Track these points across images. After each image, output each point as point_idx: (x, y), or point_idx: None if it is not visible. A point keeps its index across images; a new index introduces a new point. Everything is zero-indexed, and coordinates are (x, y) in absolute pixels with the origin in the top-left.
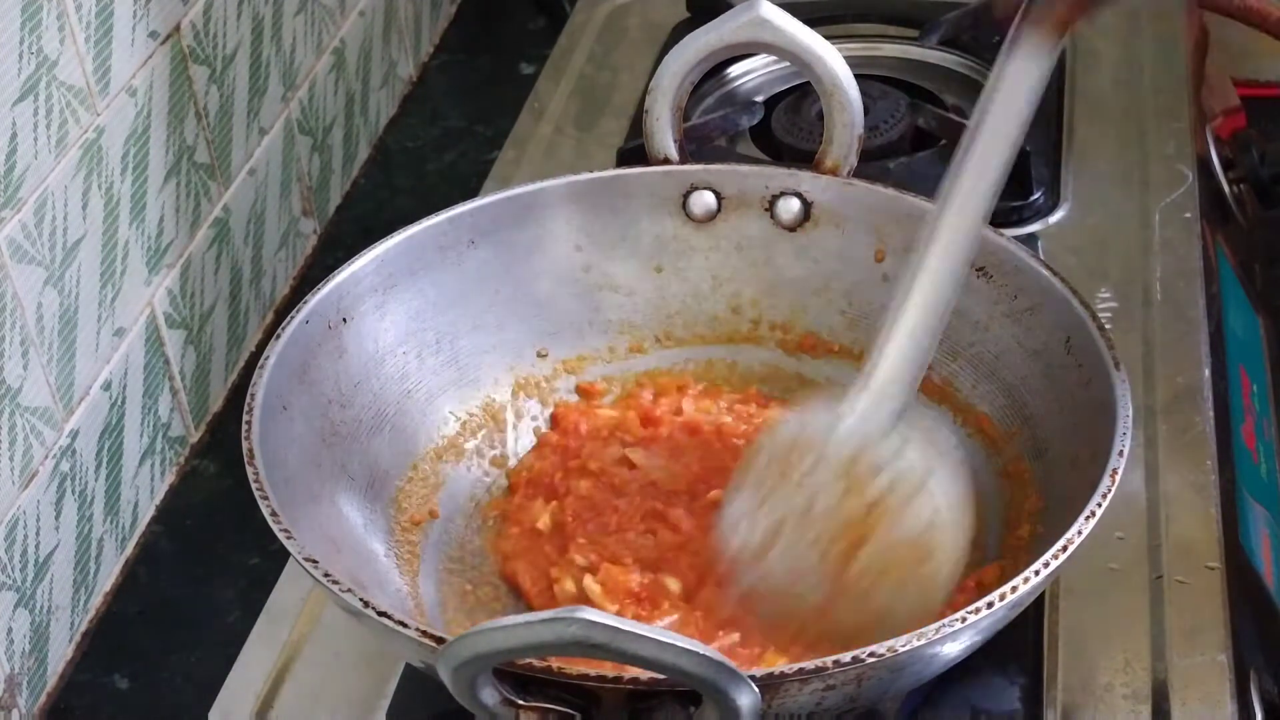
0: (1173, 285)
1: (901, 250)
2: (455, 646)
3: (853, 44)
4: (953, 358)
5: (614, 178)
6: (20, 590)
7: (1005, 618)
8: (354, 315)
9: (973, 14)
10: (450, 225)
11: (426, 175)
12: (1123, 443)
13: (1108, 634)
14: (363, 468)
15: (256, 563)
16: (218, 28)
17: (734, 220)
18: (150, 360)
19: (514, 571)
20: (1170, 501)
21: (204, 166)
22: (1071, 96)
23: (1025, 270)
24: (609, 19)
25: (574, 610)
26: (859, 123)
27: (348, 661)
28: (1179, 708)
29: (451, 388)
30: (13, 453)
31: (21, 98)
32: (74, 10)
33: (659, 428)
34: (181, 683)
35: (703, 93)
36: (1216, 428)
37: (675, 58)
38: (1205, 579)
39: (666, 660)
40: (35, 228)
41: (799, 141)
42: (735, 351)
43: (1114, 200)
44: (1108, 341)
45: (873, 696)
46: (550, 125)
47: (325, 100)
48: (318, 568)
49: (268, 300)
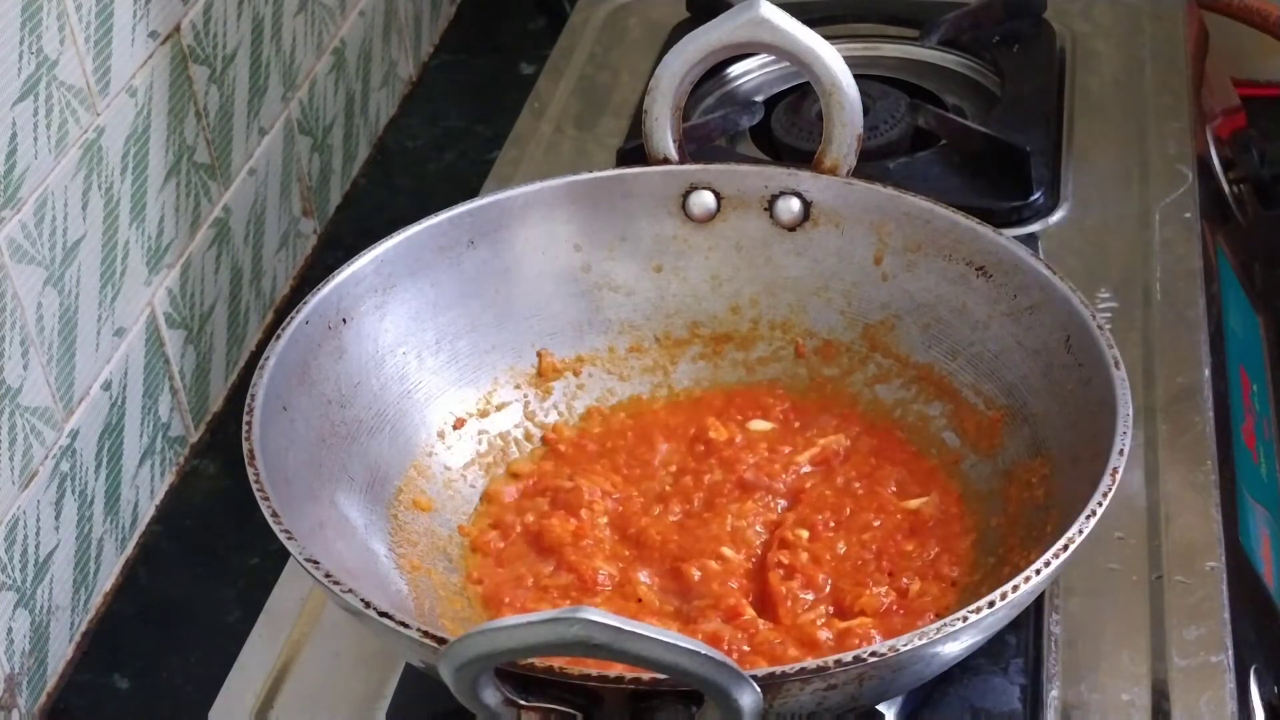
0: (1173, 285)
1: (901, 250)
2: (457, 647)
3: (853, 44)
4: (952, 357)
5: (614, 178)
6: (20, 590)
7: (1005, 618)
8: (354, 315)
9: (973, 14)
10: (450, 225)
11: (426, 175)
12: (1123, 442)
13: (1108, 634)
14: (363, 468)
15: (256, 563)
16: (218, 28)
17: (733, 220)
18: (150, 360)
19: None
20: (1170, 501)
21: (204, 166)
22: (1071, 96)
23: (1025, 270)
24: (609, 19)
25: (576, 610)
26: (858, 123)
27: (348, 661)
28: (1179, 708)
29: (451, 388)
30: (13, 453)
31: (21, 98)
32: (74, 10)
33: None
34: (181, 683)
35: (703, 93)
36: (1216, 428)
37: (675, 58)
38: (1205, 579)
39: (668, 660)
40: (35, 228)
41: (799, 141)
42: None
43: (1114, 200)
44: (1108, 341)
45: (874, 696)
46: (550, 125)
47: (325, 100)
48: (318, 568)
49: (268, 300)
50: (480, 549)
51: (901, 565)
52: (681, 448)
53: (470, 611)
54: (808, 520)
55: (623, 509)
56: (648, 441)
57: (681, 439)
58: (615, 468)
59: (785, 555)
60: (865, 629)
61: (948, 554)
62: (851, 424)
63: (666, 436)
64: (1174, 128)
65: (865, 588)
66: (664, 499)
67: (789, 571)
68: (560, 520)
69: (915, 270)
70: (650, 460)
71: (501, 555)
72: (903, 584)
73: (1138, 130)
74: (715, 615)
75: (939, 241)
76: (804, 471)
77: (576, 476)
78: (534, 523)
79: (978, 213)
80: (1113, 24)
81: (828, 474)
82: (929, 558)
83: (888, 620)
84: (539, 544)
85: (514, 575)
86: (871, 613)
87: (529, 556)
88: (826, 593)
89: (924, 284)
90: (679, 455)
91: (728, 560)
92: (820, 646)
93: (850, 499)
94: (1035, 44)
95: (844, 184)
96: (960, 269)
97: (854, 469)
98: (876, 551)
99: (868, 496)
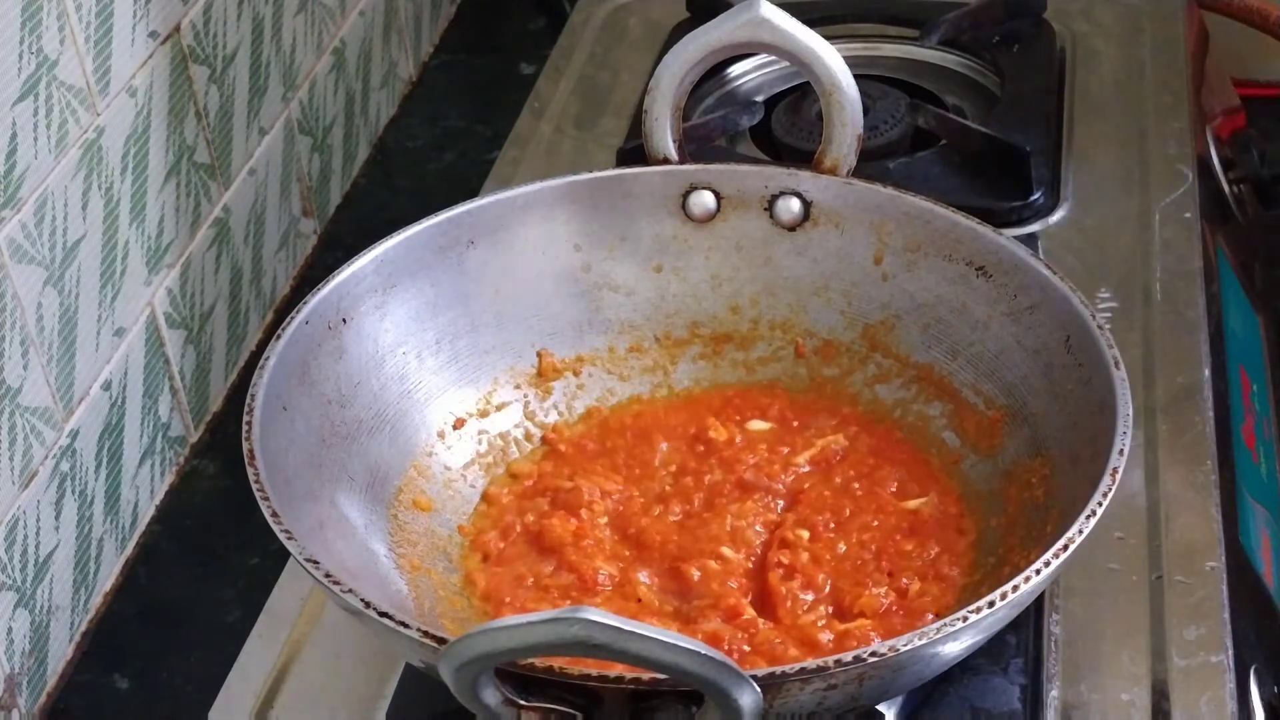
0: (1173, 285)
1: (901, 250)
2: (457, 647)
3: (853, 44)
4: (952, 357)
5: (614, 178)
6: (20, 590)
7: (1005, 618)
8: (354, 315)
9: (973, 14)
10: (450, 225)
11: (426, 175)
12: (1123, 441)
13: (1108, 634)
14: (363, 468)
15: (256, 563)
16: (218, 28)
17: (733, 220)
18: (150, 360)
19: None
20: (1170, 501)
21: (204, 166)
22: (1071, 96)
23: (1025, 269)
24: (609, 19)
25: (576, 610)
26: (858, 123)
27: (348, 661)
28: (1179, 708)
29: (451, 388)
30: (13, 453)
31: (21, 98)
32: (74, 10)
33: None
34: (181, 683)
35: (703, 93)
36: (1216, 428)
37: (675, 58)
38: (1205, 579)
39: (668, 660)
40: (35, 228)
41: (799, 141)
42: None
43: (1114, 200)
44: (1108, 341)
45: (874, 696)
46: (550, 125)
47: (325, 100)
48: (318, 568)
49: (268, 300)
50: (480, 549)
51: (901, 565)
52: (681, 448)
53: (470, 611)
54: (807, 520)
55: (622, 509)
56: (648, 442)
57: (681, 439)
58: (615, 468)
59: (785, 555)
60: (864, 630)
61: (947, 554)
62: (851, 424)
63: (666, 437)
64: (1174, 128)
65: (865, 588)
66: (664, 499)
67: (789, 571)
68: (560, 520)
69: (915, 270)
70: (650, 460)
71: (501, 555)
72: (902, 584)
73: (1138, 130)
74: (715, 615)
75: (939, 241)
76: (803, 471)
77: (576, 476)
78: (534, 523)
79: (978, 213)
80: (1113, 24)
81: (827, 474)
82: (929, 558)
83: (887, 620)
84: (539, 544)
85: (514, 575)
86: (871, 613)
87: (529, 556)
88: (826, 593)
89: (924, 284)
90: (679, 455)
91: (727, 560)
92: (820, 647)
93: (850, 499)
94: (1035, 44)
95: (844, 184)
96: (960, 269)
97: (853, 469)
98: (876, 551)
99: (867, 497)
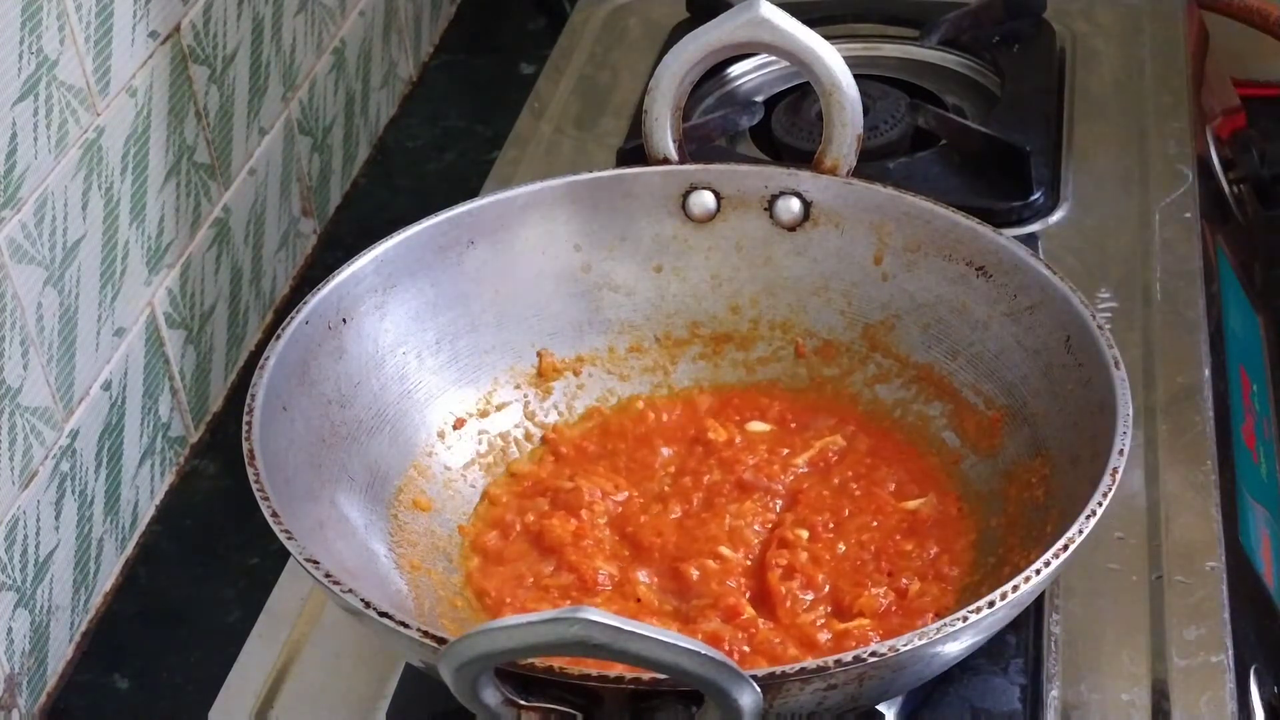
0: (1173, 285)
1: (901, 250)
2: (457, 647)
3: (853, 44)
4: (952, 357)
5: (614, 178)
6: (20, 590)
7: (1005, 618)
8: (354, 315)
9: (973, 14)
10: (450, 225)
11: (426, 175)
12: (1123, 441)
13: (1108, 634)
14: (363, 468)
15: (256, 563)
16: (218, 28)
17: (733, 220)
18: (150, 360)
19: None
20: (1170, 501)
21: (204, 166)
22: (1071, 96)
23: (1025, 269)
24: (609, 19)
25: (576, 610)
26: (858, 123)
27: (348, 661)
28: (1179, 708)
29: (451, 388)
30: (13, 453)
31: (21, 98)
32: (74, 10)
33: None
34: (181, 683)
35: (703, 93)
36: (1216, 428)
37: (675, 58)
38: (1205, 579)
39: (668, 660)
40: (35, 228)
41: (799, 141)
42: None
43: (1114, 200)
44: (1108, 341)
45: (874, 696)
46: (550, 125)
47: (325, 100)
48: (318, 568)
49: (268, 300)
50: (480, 549)
51: (901, 565)
52: (681, 448)
53: (470, 611)
54: (807, 520)
55: (622, 509)
56: (647, 442)
57: (681, 440)
58: (615, 468)
59: (785, 555)
60: (864, 630)
61: (947, 554)
62: (850, 424)
63: (666, 437)
64: (1174, 128)
65: (864, 588)
66: (663, 499)
67: (788, 571)
68: (560, 520)
69: (915, 270)
70: (650, 461)
71: (501, 555)
72: (902, 584)
73: (1138, 130)
74: (715, 615)
75: (939, 241)
76: (802, 472)
77: (576, 477)
78: (534, 523)
79: (978, 213)
80: (1113, 24)
81: (826, 474)
82: (928, 558)
83: (887, 620)
84: (539, 544)
85: (514, 575)
86: (871, 613)
87: (529, 556)
88: (826, 593)
89: (924, 284)
90: (678, 456)
91: (726, 560)
92: (820, 646)
93: (849, 499)
94: (1035, 44)
95: (844, 184)
96: (960, 269)
97: (853, 469)
98: (876, 552)
99: (866, 497)
